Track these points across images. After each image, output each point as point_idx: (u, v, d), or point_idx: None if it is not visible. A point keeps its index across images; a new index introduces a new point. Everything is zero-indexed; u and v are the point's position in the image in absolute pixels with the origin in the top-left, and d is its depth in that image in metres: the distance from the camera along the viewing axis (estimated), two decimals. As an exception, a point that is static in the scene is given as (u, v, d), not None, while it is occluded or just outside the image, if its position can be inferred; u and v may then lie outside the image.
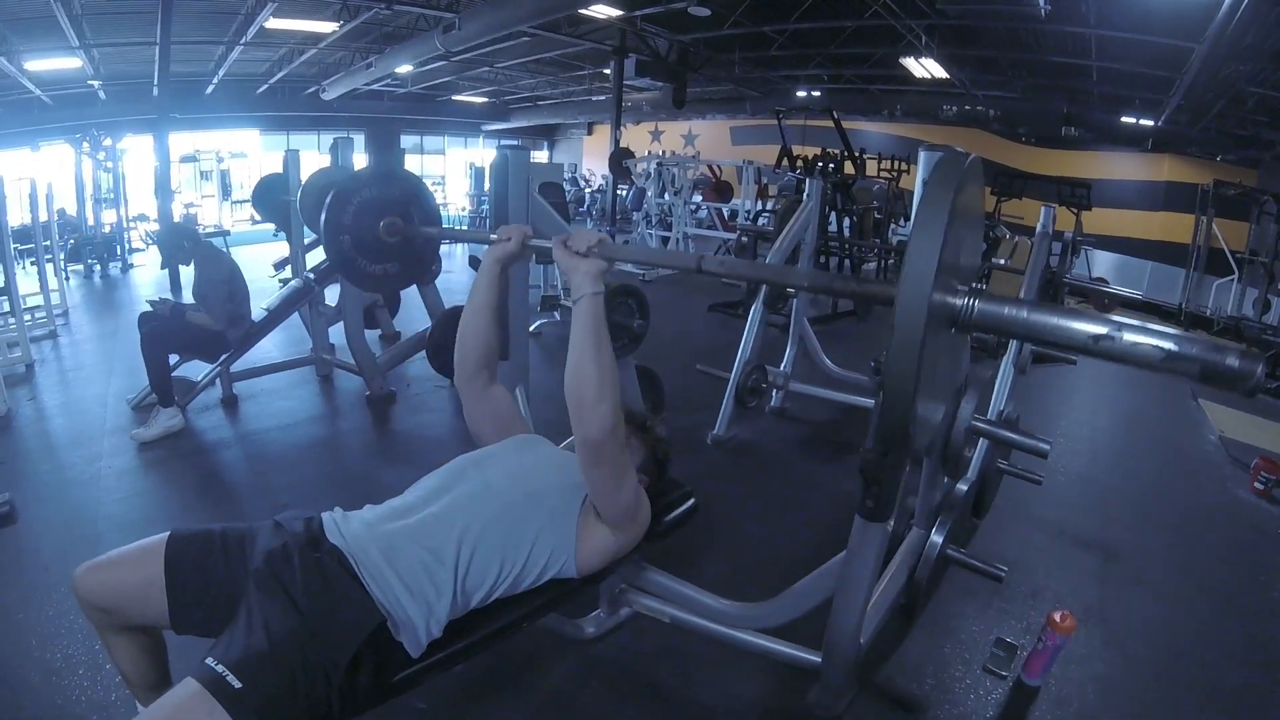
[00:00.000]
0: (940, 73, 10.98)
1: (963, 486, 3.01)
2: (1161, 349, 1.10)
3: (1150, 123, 11.11)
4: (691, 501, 2.30)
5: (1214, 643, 2.96)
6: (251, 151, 18.56)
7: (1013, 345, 3.78)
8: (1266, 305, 9.57)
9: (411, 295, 6.03)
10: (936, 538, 2.65)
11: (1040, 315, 1.23)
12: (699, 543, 3.23)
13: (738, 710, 2.35)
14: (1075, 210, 10.66)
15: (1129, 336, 1.13)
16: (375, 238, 2.56)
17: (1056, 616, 2.46)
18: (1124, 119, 11.56)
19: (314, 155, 13.10)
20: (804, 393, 4.99)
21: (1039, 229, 4.19)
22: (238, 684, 1.28)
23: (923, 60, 10.51)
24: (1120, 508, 4.19)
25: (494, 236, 2.00)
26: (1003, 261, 7.53)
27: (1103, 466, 4.83)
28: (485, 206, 14.36)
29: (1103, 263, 12.53)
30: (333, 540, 1.60)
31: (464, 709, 2.27)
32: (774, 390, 5.00)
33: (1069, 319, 1.20)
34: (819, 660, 2.10)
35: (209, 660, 1.32)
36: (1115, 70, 10.09)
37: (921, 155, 1.86)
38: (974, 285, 1.31)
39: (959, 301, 1.27)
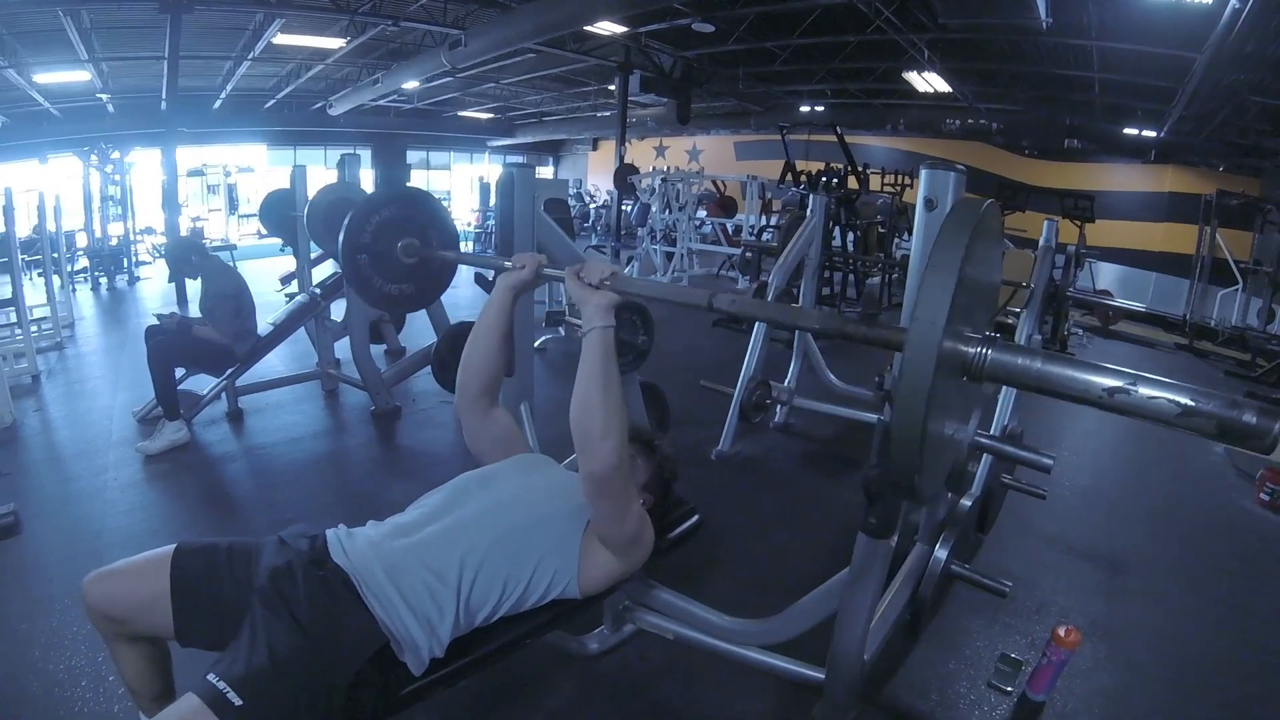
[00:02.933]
0: (943, 86, 11.01)
1: (967, 502, 3.00)
2: (1178, 404, 1.07)
3: (1153, 133, 11.10)
4: (695, 518, 2.31)
5: (1222, 654, 2.96)
6: (258, 166, 18.65)
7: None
8: (1271, 315, 9.54)
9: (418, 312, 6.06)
10: (941, 554, 2.64)
11: (1054, 366, 1.17)
12: (703, 559, 3.23)
13: (744, 727, 2.35)
14: (1079, 222, 10.66)
15: (1144, 390, 1.09)
16: (393, 258, 2.55)
17: (1061, 631, 2.46)
18: (1126, 130, 11.56)
19: (321, 170, 13.16)
20: (808, 408, 4.99)
21: (1042, 242, 4.20)
22: (238, 701, 1.29)
23: (925, 74, 10.54)
24: (1126, 521, 4.19)
25: (508, 264, 1.97)
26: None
27: (1108, 479, 4.83)
28: (492, 222, 14.40)
29: (1106, 275, 12.51)
30: (336, 559, 1.60)
31: (468, 725, 2.28)
32: (778, 406, 5.00)
33: (1083, 371, 1.15)
34: (823, 677, 2.10)
35: (211, 676, 1.33)
36: (1117, 81, 10.10)
37: (923, 174, 1.86)
38: (987, 334, 1.26)
39: (971, 350, 1.23)
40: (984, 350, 1.22)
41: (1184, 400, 1.05)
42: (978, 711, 2.48)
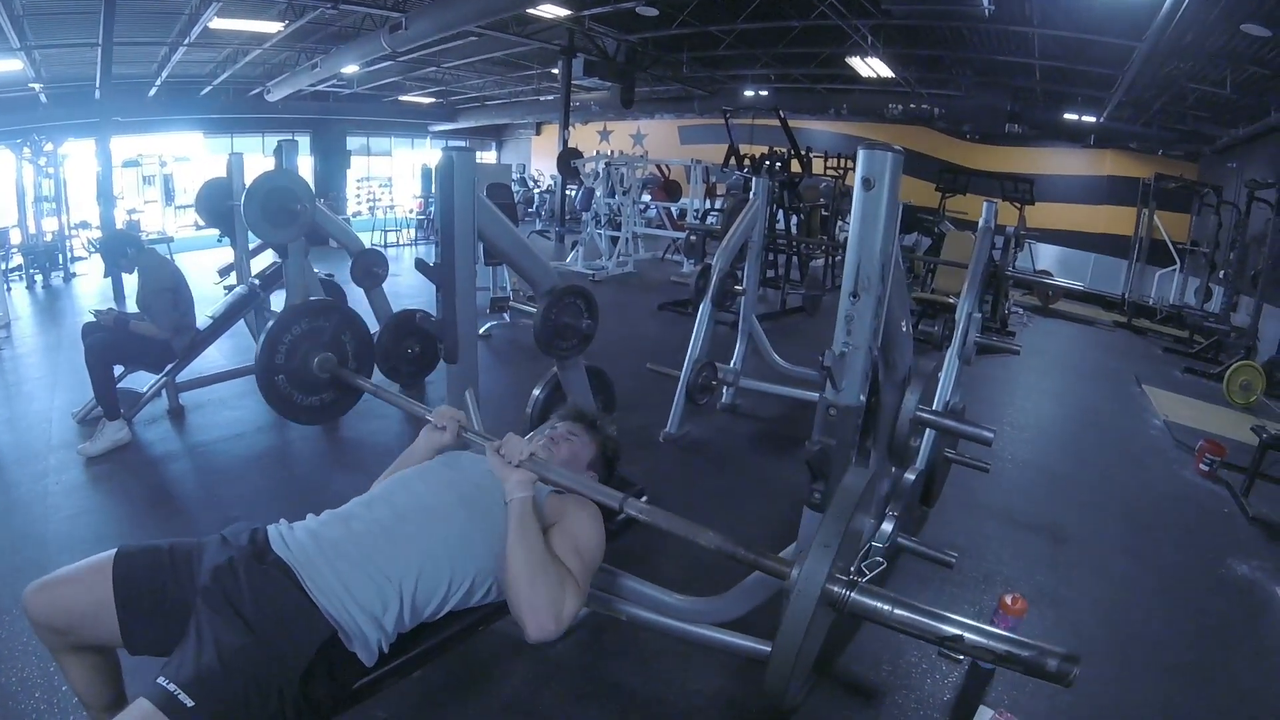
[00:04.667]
0: (886, 72, 11.11)
1: (911, 476, 3.06)
2: (996, 651, 1.37)
3: (1093, 119, 11.33)
4: (644, 499, 2.31)
5: (1165, 620, 3.06)
6: (196, 155, 18.15)
7: (957, 336, 3.84)
8: (1208, 294, 9.84)
9: (359, 300, 5.91)
10: (886, 527, 2.69)
11: (902, 612, 1.46)
12: (652, 540, 3.22)
13: (699, 704, 2.38)
14: (1019, 205, 10.88)
15: (974, 638, 1.39)
16: (310, 374, 2.51)
17: (1008, 599, 2.52)
18: (1067, 116, 11.77)
19: (259, 158, 12.89)
20: (754, 389, 5.04)
21: (981, 224, 4.27)
22: (190, 703, 1.27)
23: (868, 60, 10.63)
24: (1069, 493, 4.30)
25: (429, 417, 2.01)
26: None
27: (1050, 453, 4.95)
28: (434, 209, 14.22)
29: (1047, 256, 12.80)
30: (278, 552, 1.58)
31: (424, 715, 2.27)
32: (724, 387, 5.04)
33: (926, 618, 1.45)
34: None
35: (160, 679, 1.31)
36: (1058, 68, 10.29)
37: (860, 154, 1.88)
38: (851, 576, 1.53)
39: (839, 590, 1.48)
40: (847, 593, 1.48)
41: (1002, 648, 1.36)
42: (930, 680, 2.54)
